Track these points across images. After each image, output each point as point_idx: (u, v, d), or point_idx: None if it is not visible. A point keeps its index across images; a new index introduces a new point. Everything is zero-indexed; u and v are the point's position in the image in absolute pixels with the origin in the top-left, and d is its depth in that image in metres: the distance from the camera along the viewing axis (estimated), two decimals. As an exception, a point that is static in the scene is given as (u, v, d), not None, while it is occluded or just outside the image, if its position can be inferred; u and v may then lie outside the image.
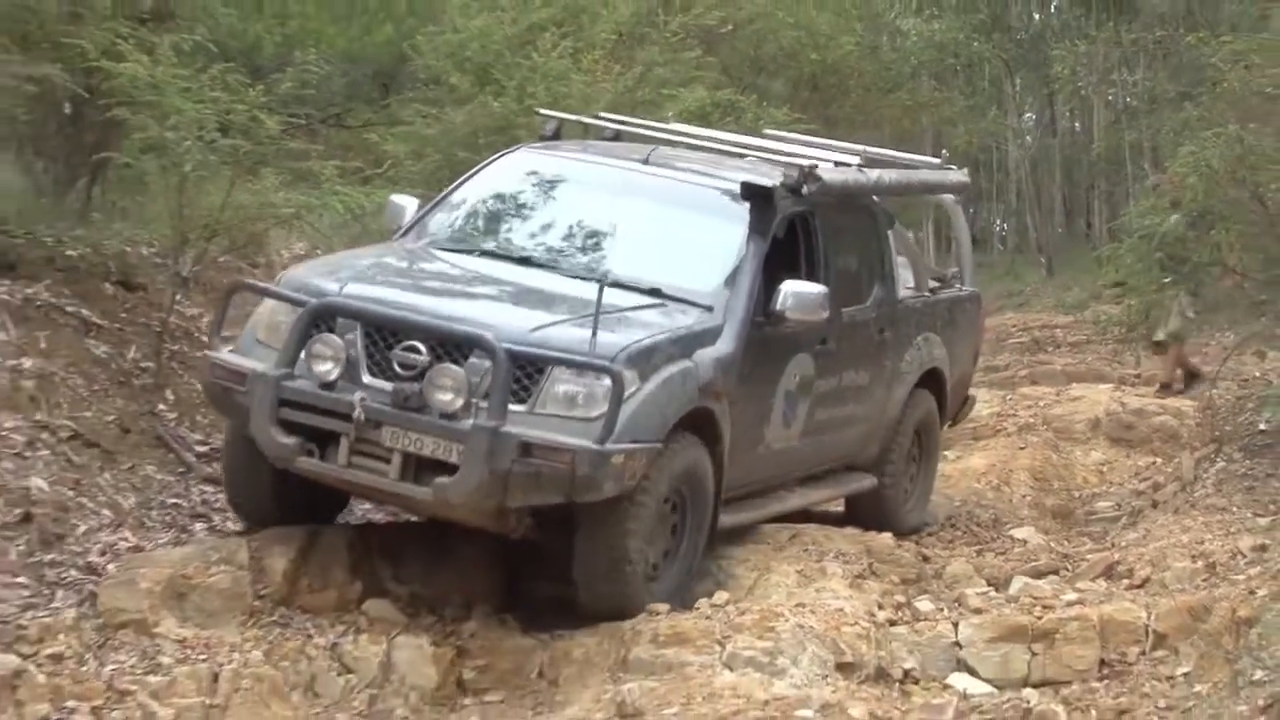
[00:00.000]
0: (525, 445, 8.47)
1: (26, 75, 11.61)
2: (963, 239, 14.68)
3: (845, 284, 11.20)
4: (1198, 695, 8.05)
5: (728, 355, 9.64)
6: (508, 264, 10.26)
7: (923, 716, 8.29)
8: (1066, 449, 14.66)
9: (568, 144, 11.89)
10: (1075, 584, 10.21)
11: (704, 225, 10.50)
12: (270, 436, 8.78)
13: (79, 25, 12.03)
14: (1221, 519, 10.92)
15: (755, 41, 22.94)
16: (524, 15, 17.41)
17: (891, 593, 10.07)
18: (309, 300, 9.01)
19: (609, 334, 8.93)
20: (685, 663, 8.64)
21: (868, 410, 11.77)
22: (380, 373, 8.84)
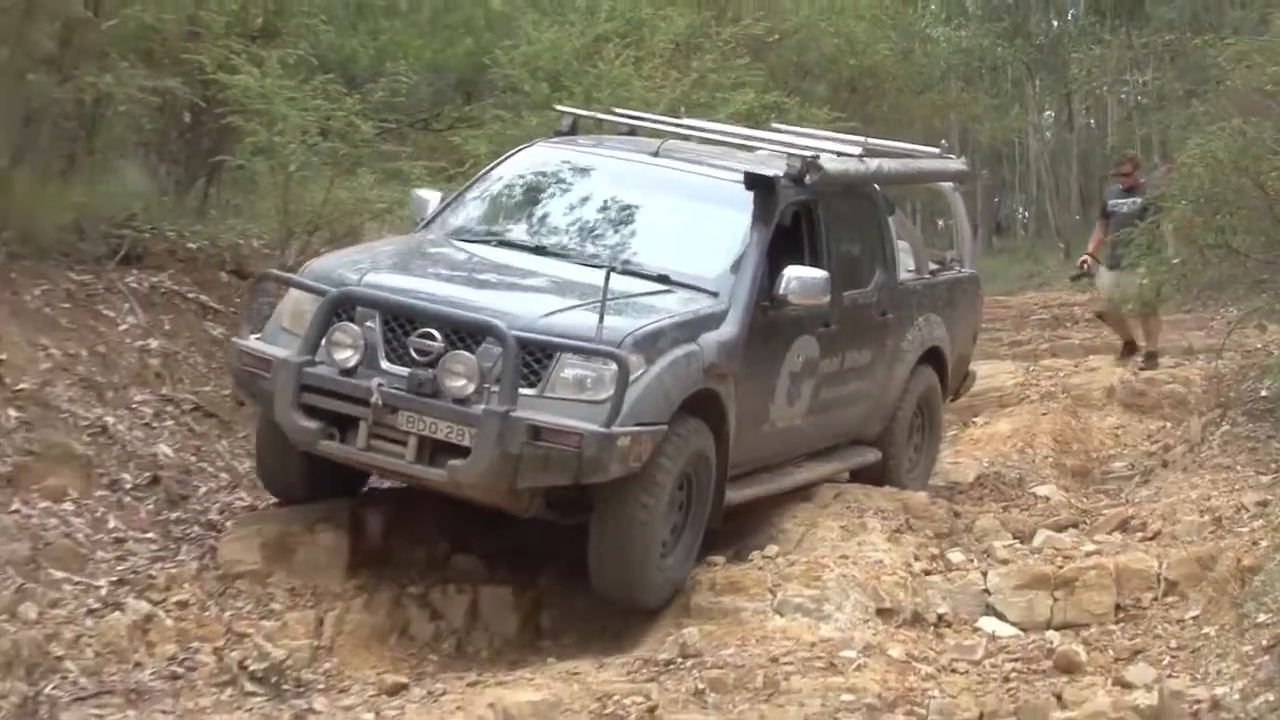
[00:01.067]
0: (534, 429, 8.14)
1: (152, 88, 11.68)
2: (962, 224, 13.96)
3: (847, 268, 10.75)
4: (1206, 636, 8.03)
5: (732, 338, 9.23)
6: (522, 253, 9.88)
7: (955, 656, 8.29)
8: (1084, 415, 14.59)
9: (583, 139, 11.39)
10: (1093, 536, 10.17)
11: (710, 214, 10.12)
12: (293, 421, 8.52)
13: (197, 43, 12.10)
14: (1227, 477, 10.87)
15: (799, 49, 22.86)
16: (590, 28, 17.37)
17: (926, 545, 10.02)
18: (330, 290, 8.72)
19: (616, 319, 8.59)
20: (740, 608, 8.68)
21: (870, 388, 11.30)
22: (398, 359, 8.52)
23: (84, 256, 11.26)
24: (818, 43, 23.47)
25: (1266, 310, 13.40)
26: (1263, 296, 13.29)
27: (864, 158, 11.00)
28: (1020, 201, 55.28)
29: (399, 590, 8.97)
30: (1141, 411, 14.71)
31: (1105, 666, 7.95)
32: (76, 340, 10.29)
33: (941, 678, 7.87)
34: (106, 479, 9.30)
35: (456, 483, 8.31)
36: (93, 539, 8.76)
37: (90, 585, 8.37)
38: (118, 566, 8.63)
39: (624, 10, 18.19)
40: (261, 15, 13.21)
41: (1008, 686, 7.72)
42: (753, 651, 8.07)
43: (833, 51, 23.99)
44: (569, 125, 11.39)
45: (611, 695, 7.64)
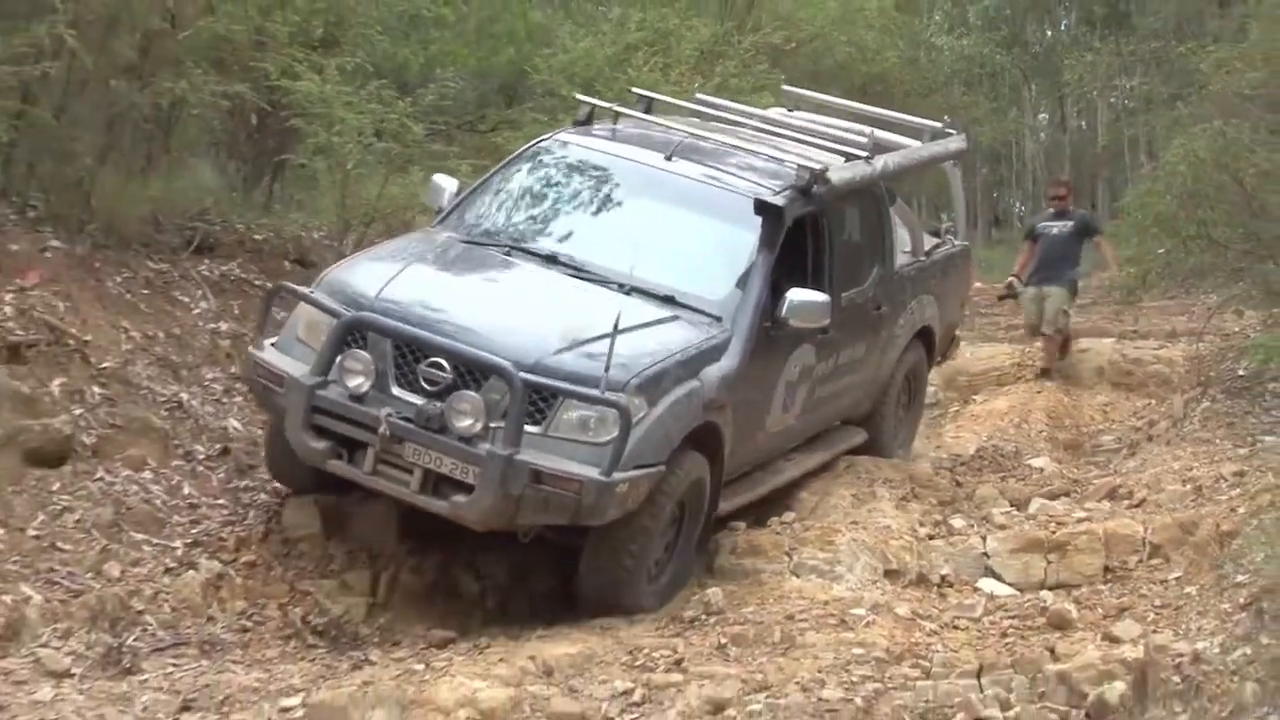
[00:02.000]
0: (536, 473, 7.68)
1: (222, 93, 11.70)
2: (958, 198, 13.26)
3: (848, 270, 10.14)
4: (1187, 595, 8.01)
5: (733, 371, 8.64)
6: (535, 263, 9.12)
7: (957, 614, 8.30)
8: (1076, 393, 14.54)
9: (599, 128, 10.41)
10: (1084, 504, 10.16)
11: (719, 230, 9.34)
12: (303, 441, 8.05)
13: (263, 52, 12.10)
14: (1207, 450, 10.83)
15: (814, 56, 22.75)
16: (621, 38, 17.39)
17: (930, 512, 10.05)
18: (343, 313, 8.17)
19: (621, 359, 7.94)
20: (759, 570, 8.72)
21: (863, 377, 10.75)
22: (408, 385, 8.01)
23: (161, 247, 11.30)
24: (831, 50, 23.38)
25: (1244, 297, 13.43)
26: (1240, 284, 13.34)
27: (870, 158, 10.17)
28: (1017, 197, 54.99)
29: (445, 554, 8.97)
30: (1128, 390, 14.67)
31: (1095, 623, 7.95)
32: (154, 323, 10.32)
33: (944, 633, 7.89)
34: (182, 450, 9.33)
35: (459, 517, 7.89)
36: (169, 504, 8.79)
37: (167, 546, 8.42)
38: (192, 530, 8.67)
39: (652, 21, 18.19)
40: (322, 26, 13.20)
41: (1005, 641, 7.72)
42: (771, 609, 8.12)
43: (845, 58, 23.90)
44: (585, 115, 10.55)
45: (642, 648, 7.68)
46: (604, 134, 10.32)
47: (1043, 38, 44.35)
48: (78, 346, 9.32)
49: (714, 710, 6.78)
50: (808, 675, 7.09)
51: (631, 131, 10.38)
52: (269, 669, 7.49)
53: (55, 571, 7.89)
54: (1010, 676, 6.96)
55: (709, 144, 10.17)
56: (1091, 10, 40.00)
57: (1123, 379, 14.95)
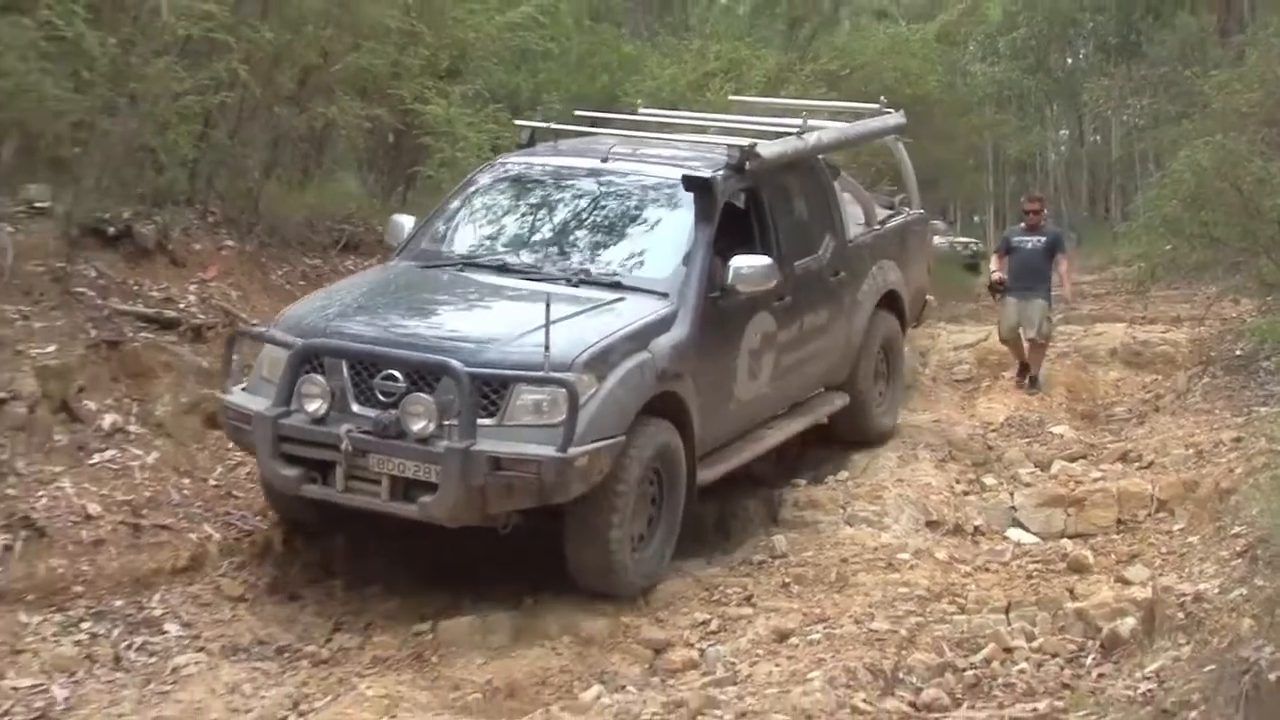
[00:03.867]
0: (495, 460, 6.85)
1: (365, 116, 11.79)
2: (906, 170, 11.87)
3: (797, 240, 9.22)
4: (1190, 544, 7.90)
5: (684, 340, 7.80)
6: (485, 273, 8.35)
7: (988, 558, 8.22)
8: (1091, 370, 14.31)
9: (541, 149, 9.51)
10: (1099, 465, 10.04)
11: (656, 216, 8.57)
12: (275, 470, 7.27)
13: (399, 81, 12.19)
14: (1208, 419, 10.71)
15: (865, 81, 22.43)
16: (700, 66, 17.38)
17: (965, 472, 10.00)
18: (295, 343, 7.39)
19: (565, 341, 7.13)
20: (818, 520, 8.70)
21: (831, 342, 9.69)
22: (367, 401, 7.16)
23: (314, 245, 11.39)
24: (880, 76, 23.09)
25: (1240, 287, 13.45)
26: (1238, 276, 13.38)
27: (802, 134, 9.31)
28: (1041, 202, 54.70)
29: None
30: (1138, 367, 14.45)
31: (1108, 567, 7.85)
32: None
33: (977, 575, 7.83)
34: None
35: (430, 516, 7.01)
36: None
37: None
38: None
39: (726, 53, 18.17)
40: (448, 59, 13.28)
41: (1030, 582, 7.64)
42: (828, 554, 8.10)
43: (891, 83, 23.59)
44: (528, 138, 9.68)
45: (718, 586, 7.72)
46: (545, 151, 9.46)
47: (1064, 65, 43.90)
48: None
49: (779, 639, 6.77)
50: (859, 609, 7.07)
51: (571, 145, 9.62)
52: (405, 599, 7.56)
53: (231, 514, 8.00)
54: (1034, 612, 6.91)
55: (645, 145, 9.51)
56: (1106, 40, 39.68)
57: (1133, 358, 14.73)
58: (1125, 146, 41.10)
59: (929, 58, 26.37)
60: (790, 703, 5.56)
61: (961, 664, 6.15)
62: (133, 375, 8.66)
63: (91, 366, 8.48)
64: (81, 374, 8.38)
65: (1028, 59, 41.26)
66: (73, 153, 9.79)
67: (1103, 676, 5.82)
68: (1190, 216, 13.43)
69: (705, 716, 5.47)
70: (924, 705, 5.61)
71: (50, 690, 6.24)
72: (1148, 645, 5.84)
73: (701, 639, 7.01)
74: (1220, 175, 12.85)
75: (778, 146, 8.96)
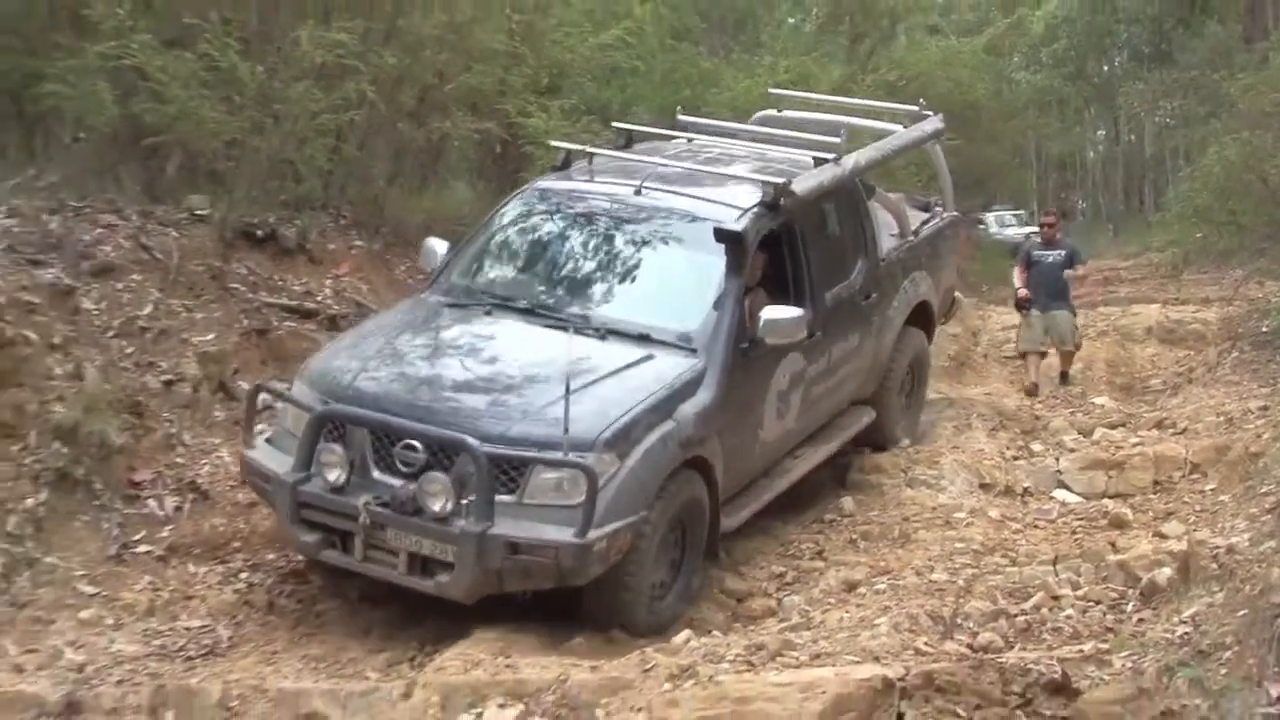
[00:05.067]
0: (512, 544, 5.99)
1: (475, 129, 11.88)
2: (942, 172, 10.55)
3: (829, 269, 8.08)
4: (1222, 503, 7.78)
5: (710, 403, 6.75)
6: (512, 318, 7.19)
7: (1036, 517, 8.15)
8: (1129, 346, 14.20)
9: (576, 171, 8.29)
10: (1137, 432, 9.93)
11: (688, 260, 7.39)
12: (294, 535, 6.44)
13: (505, 97, 12.26)
14: (1236, 389, 10.59)
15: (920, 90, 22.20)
16: (772, 79, 17.28)
17: (1015, 439, 9.92)
18: (314, 408, 6.49)
19: (588, 416, 6.20)
20: (882, 483, 8.65)
21: (861, 363, 8.61)
22: (387, 469, 6.29)
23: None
24: (934, 85, 22.90)
25: (1266, 270, 13.40)
26: (1262, 260, 13.38)
27: (838, 160, 8.08)
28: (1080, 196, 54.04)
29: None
30: (1172, 344, 14.31)
31: (1147, 523, 7.76)
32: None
33: (1026, 532, 7.77)
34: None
35: (446, 594, 6.17)
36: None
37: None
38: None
39: (795, 66, 18.08)
40: (547, 77, 13.34)
41: (1075, 537, 7.57)
42: (891, 513, 8.06)
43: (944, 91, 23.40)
44: (563, 159, 8.41)
45: (792, 542, 7.73)
46: (580, 176, 8.22)
47: (1101, 72, 43.37)
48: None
49: (848, 589, 6.75)
50: (920, 562, 7.03)
51: (606, 168, 8.26)
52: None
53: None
54: (1079, 564, 6.84)
55: (679, 171, 8.09)
56: (1140, 49, 39.13)
57: (1167, 335, 14.60)
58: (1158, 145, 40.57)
59: (978, 68, 26.18)
60: (859, 645, 5.55)
61: (1014, 611, 6.11)
62: (279, 358, 8.83)
63: (244, 351, 8.69)
64: (236, 358, 8.59)
65: (1068, 67, 40.87)
66: (226, 167, 10.02)
67: (1142, 621, 5.76)
68: (1219, 206, 13.38)
69: (783, 658, 5.48)
70: (980, 647, 5.58)
71: (216, 630, 6.45)
72: (1184, 593, 5.77)
73: (778, 589, 7.04)
74: (1247, 169, 12.79)
75: (814, 180, 7.81)
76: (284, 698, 5.76)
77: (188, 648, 6.30)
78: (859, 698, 4.81)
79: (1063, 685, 4.90)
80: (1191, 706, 4.31)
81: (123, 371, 7.90)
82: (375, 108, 10.82)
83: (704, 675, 5.26)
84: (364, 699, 5.74)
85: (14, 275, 7.89)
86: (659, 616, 6.59)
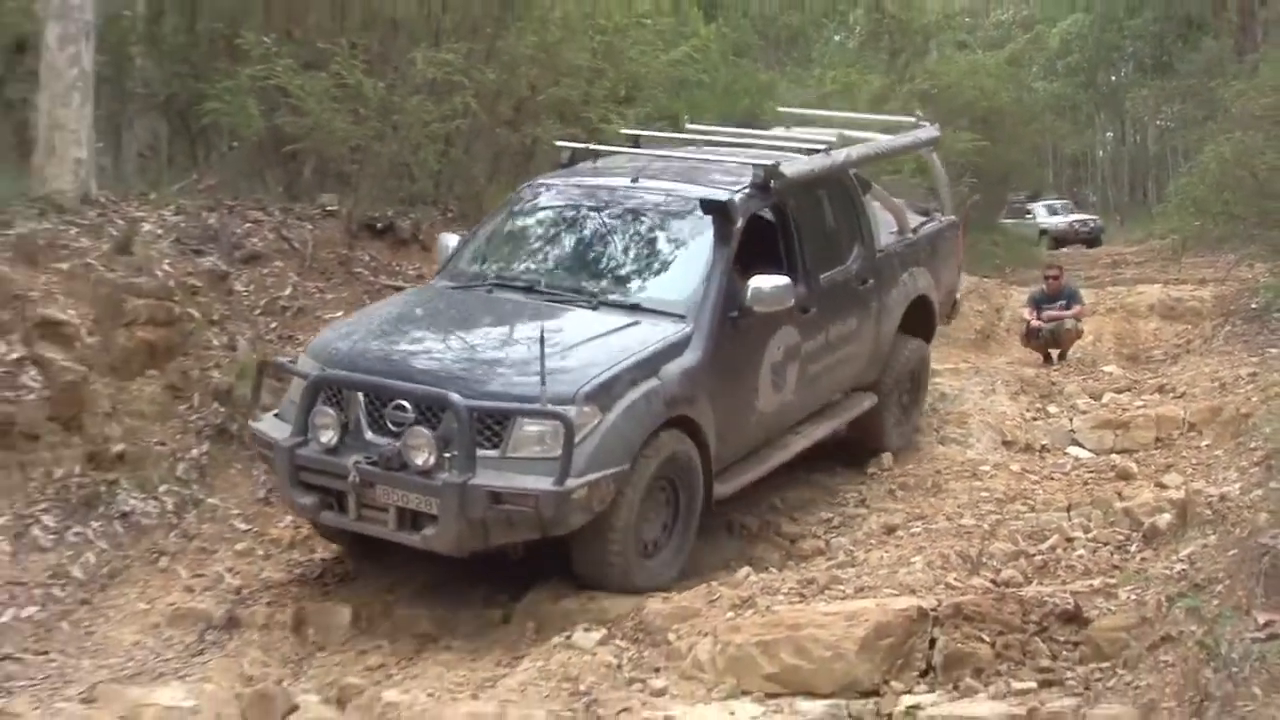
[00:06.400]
0: (494, 494, 5.44)
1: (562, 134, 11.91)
2: (939, 179, 9.85)
3: (823, 253, 7.38)
4: (1216, 456, 7.66)
5: (696, 364, 6.14)
6: (510, 294, 6.64)
7: (1052, 469, 8.07)
8: (1134, 321, 13.98)
9: (581, 168, 7.74)
10: (1141, 396, 9.77)
11: (679, 237, 6.79)
12: (293, 498, 5.91)
13: (588, 106, 12.27)
14: (1229, 358, 10.39)
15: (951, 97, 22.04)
16: (821, 88, 17.22)
17: (1034, 402, 9.79)
18: (309, 374, 6.01)
19: (569, 372, 5.68)
20: (917, 441, 8.60)
21: (860, 347, 7.76)
22: (380, 430, 5.74)
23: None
24: (962, 93, 22.66)
25: (1255, 254, 13.24)
26: (1252, 245, 13.20)
27: (829, 151, 7.52)
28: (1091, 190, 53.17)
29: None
30: (1172, 319, 14.07)
31: (1149, 475, 7.65)
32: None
33: (1044, 482, 7.70)
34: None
35: (433, 548, 5.63)
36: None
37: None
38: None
39: (840, 78, 17.93)
40: (624, 89, 13.31)
41: (1086, 488, 7.50)
42: (925, 466, 8.04)
43: (971, 98, 23.13)
44: (568, 158, 7.91)
45: (839, 491, 7.69)
46: (583, 171, 7.68)
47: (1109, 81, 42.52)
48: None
49: (887, 532, 6.74)
50: (950, 509, 7.02)
51: (608, 165, 7.76)
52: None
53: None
54: (1090, 511, 6.78)
55: (678, 163, 7.61)
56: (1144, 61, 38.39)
57: (1168, 312, 14.36)
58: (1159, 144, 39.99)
59: (1001, 77, 25.84)
60: (897, 580, 5.55)
61: (1032, 551, 6.07)
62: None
63: (368, 326, 8.79)
64: (361, 332, 8.69)
65: (1080, 77, 40.27)
66: (352, 169, 10.15)
67: (1145, 560, 5.70)
68: (1214, 198, 13.20)
69: (830, 591, 5.49)
70: (1002, 582, 5.56)
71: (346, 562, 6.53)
72: (1181, 535, 5.70)
73: (826, 532, 7.01)
74: (1239, 165, 12.64)
75: (802, 165, 7.23)
76: (401, 620, 5.92)
77: (324, 576, 6.44)
78: (897, 625, 4.83)
79: (1075, 615, 4.90)
80: (1188, 632, 4.28)
81: (268, 343, 8.07)
82: (477, 117, 10.88)
83: (762, 605, 5.30)
84: (469, 623, 5.86)
85: (181, 263, 8.10)
86: (649, 576, 5.95)
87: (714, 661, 4.94)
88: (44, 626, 5.69)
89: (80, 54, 8.58)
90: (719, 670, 4.91)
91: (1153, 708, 4.07)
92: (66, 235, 7.75)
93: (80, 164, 8.55)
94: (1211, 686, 3.70)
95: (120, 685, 5.02)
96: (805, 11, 22.80)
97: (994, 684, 4.59)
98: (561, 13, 12.17)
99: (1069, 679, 4.59)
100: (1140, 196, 46.55)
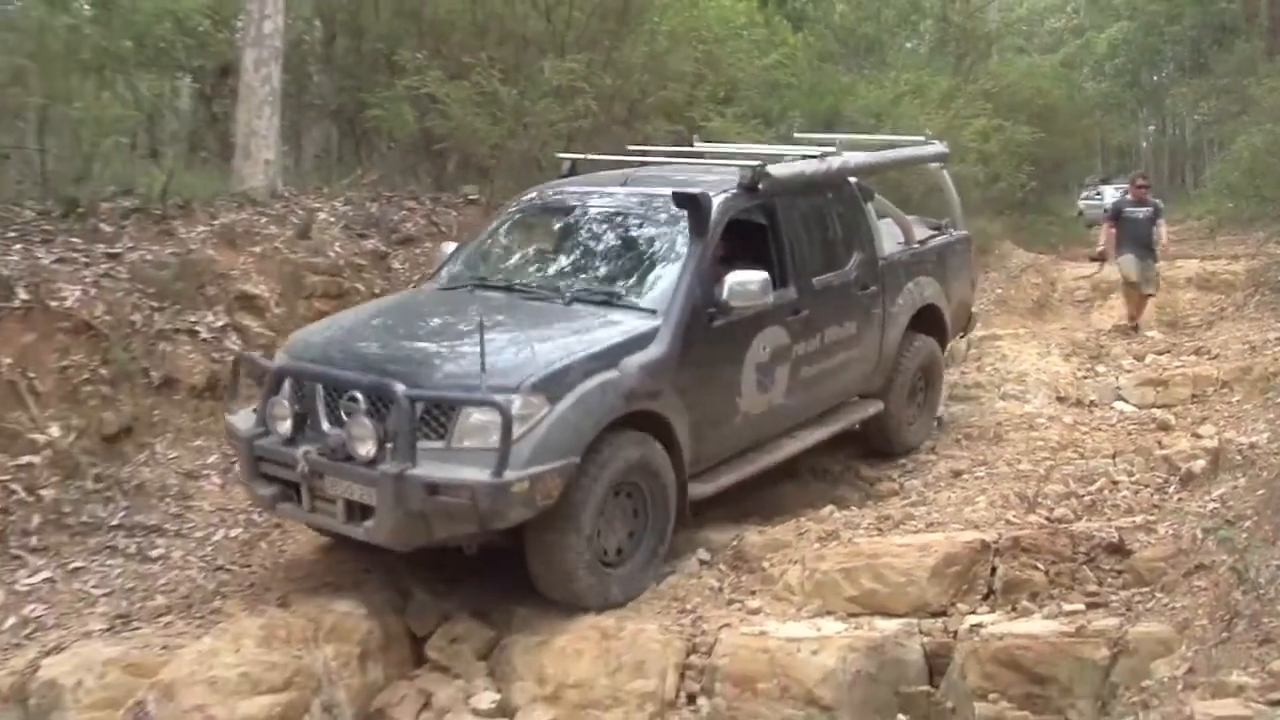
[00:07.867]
0: (431, 485, 4.57)
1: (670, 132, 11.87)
2: (950, 195, 8.33)
3: (817, 256, 6.42)
4: (1246, 410, 7.44)
5: (659, 357, 5.18)
6: (492, 294, 5.76)
7: (1100, 422, 7.91)
8: (1173, 291, 13.51)
9: (580, 178, 6.81)
10: (1179, 357, 9.53)
11: (658, 235, 5.83)
12: (253, 488, 5.16)
13: (692, 107, 12.24)
14: (1259, 325, 10.11)
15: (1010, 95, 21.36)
16: (894, 89, 16.85)
17: (1084, 362, 9.60)
18: (268, 366, 5.30)
19: (517, 361, 4.84)
20: (979, 396, 8.53)
21: (862, 353, 6.75)
22: (336, 422, 4.92)
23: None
24: (1021, 92, 21.96)
25: None
26: None
27: (822, 157, 6.61)
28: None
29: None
30: (1208, 290, 13.59)
31: (1186, 427, 7.45)
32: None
33: (1092, 433, 7.54)
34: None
35: (374, 539, 4.80)
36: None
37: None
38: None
39: (912, 80, 17.57)
40: (724, 91, 13.25)
41: (1130, 437, 7.33)
42: (987, 418, 7.95)
43: (1028, 96, 22.40)
44: (568, 168, 6.98)
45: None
46: (580, 180, 6.76)
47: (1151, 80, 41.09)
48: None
49: (954, 475, 6.69)
50: (1010, 456, 6.94)
51: (604, 174, 6.82)
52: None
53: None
54: (1133, 457, 6.63)
55: (670, 169, 6.72)
56: (1183, 62, 37.04)
57: (1204, 283, 13.87)
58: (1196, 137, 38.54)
59: (1055, 78, 25.19)
60: (963, 517, 5.53)
61: (1081, 492, 5.97)
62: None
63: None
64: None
65: (1125, 77, 39.22)
66: (490, 164, 10.27)
67: (1181, 499, 5.58)
68: (1246, 183, 12.79)
69: (904, 526, 5.49)
70: (1055, 519, 5.49)
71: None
72: (1214, 478, 5.57)
73: (900, 475, 6.98)
74: (1269, 153, 12.26)
75: (789, 168, 6.33)
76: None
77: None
78: (963, 555, 4.83)
79: (1119, 547, 4.84)
80: (1220, 561, 4.22)
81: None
82: (596, 117, 10.90)
83: (844, 537, 5.33)
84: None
85: (348, 245, 8.31)
86: (609, 586, 5.00)
87: (802, 585, 4.98)
88: (247, 545, 5.94)
89: (271, 74, 8.88)
90: (807, 593, 4.94)
91: (1187, 624, 4.03)
92: (259, 224, 8.01)
93: (269, 165, 8.87)
94: (1241, 606, 3.65)
95: (305, 594, 5.22)
96: (880, 22, 22.34)
97: (1047, 606, 4.59)
98: (669, 26, 12.14)
99: (1113, 602, 4.55)
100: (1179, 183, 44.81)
